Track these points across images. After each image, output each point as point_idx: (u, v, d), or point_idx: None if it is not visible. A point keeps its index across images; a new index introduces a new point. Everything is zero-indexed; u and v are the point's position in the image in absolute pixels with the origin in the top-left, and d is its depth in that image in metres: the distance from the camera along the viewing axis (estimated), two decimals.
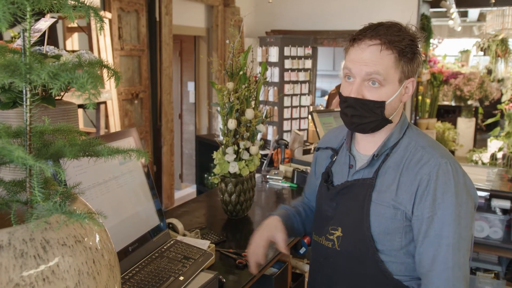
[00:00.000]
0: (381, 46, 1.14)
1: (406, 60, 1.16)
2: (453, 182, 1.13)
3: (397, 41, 1.14)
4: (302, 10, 6.60)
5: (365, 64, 1.15)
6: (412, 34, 1.18)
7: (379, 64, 1.14)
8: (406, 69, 1.17)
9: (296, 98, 4.08)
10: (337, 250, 1.27)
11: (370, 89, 1.17)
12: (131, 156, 0.78)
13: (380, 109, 1.18)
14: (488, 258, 3.01)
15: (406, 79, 1.19)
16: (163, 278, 1.29)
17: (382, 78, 1.15)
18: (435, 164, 1.15)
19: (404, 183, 1.18)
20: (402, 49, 1.14)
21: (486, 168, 3.77)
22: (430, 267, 1.14)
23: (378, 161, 1.24)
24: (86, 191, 1.24)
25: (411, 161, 1.19)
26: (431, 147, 1.20)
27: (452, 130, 7.92)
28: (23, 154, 0.62)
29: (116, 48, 4.12)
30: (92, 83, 0.62)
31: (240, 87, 1.97)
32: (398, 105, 1.21)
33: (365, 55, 1.15)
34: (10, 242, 0.65)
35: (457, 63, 9.33)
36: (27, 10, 0.68)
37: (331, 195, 1.32)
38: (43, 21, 1.39)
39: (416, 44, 1.18)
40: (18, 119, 1.18)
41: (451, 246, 1.12)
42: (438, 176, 1.14)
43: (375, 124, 1.20)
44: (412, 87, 1.21)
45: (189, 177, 6.18)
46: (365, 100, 1.17)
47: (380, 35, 1.14)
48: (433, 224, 1.14)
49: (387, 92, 1.17)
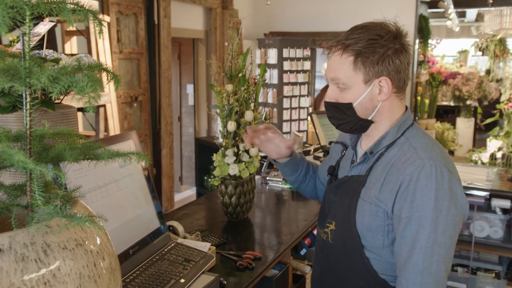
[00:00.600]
0: (341, 52, 1.19)
1: (365, 60, 1.16)
2: (434, 186, 1.10)
3: (353, 43, 1.16)
4: (300, 11, 6.61)
5: (329, 70, 1.23)
6: (378, 32, 1.16)
7: (338, 70, 1.20)
8: (368, 69, 1.17)
9: (295, 99, 4.08)
10: (329, 243, 1.32)
11: (338, 93, 1.23)
12: (131, 159, 0.78)
13: (350, 110, 1.22)
14: (488, 258, 3.01)
15: (375, 78, 1.18)
16: (164, 280, 1.29)
17: (342, 82, 1.20)
18: (419, 165, 1.13)
19: (388, 182, 1.18)
20: (358, 50, 1.16)
21: (486, 168, 3.77)
22: (402, 267, 1.14)
23: (373, 158, 1.25)
24: (86, 194, 1.24)
25: (400, 160, 1.18)
26: (423, 148, 1.18)
27: (451, 130, 7.92)
28: (23, 158, 0.62)
29: (115, 51, 4.13)
30: (92, 87, 0.62)
31: (239, 89, 1.98)
32: (372, 105, 1.21)
33: (330, 62, 1.23)
34: (11, 246, 0.65)
35: (455, 63, 9.35)
36: (26, 14, 0.68)
37: (332, 188, 1.36)
38: (42, 25, 1.39)
39: (380, 42, 1.15)
40: (17, 123, 1.18)
41: (423, 249, 1.10)
42: (419, 177, 1.12)
43: (352, 124, 1.24)
44: (387, 85, 1.18)
45: (188, 179, 6.18)
46: (334, 103, 1.24)
47: (340, 40, 1.19)
48: (409, 225, 1.12)
49: (353, 94, 1.20)
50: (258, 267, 1.63)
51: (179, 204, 5.12)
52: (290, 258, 1.97)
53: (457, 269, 3.03)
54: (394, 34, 1.18)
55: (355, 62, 1.17)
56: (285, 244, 1.84)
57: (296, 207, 2.39)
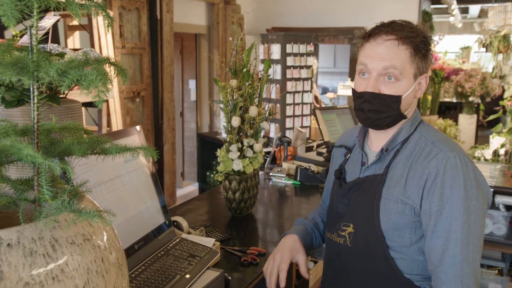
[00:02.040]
0: (397, 41, 1.16)
1: (421, 56, 1.19)
2: (462, 176, 1.12)
3: (412, 37, 1.17)
4: (303, 7, 6.59)
5: (381, 59, 1.17)
6: (424, 31, 1.21)
7: (395, 58, 1.16)
8: (420, 64, 1.20)
9: (299, 95, 4.07)
10: (348, 246, 1.28)
11: (386, 84, 1.18)
12: (139, 153, 0.78)
13: (397, 103, 1.19)
14: (491, 255, 3.01)
15: (420, 74, 1.21)
16: (169, 276, 1.28)
17: (399, 72, 1.16)
18: (443, 157, 1.14)
19: (412, 178, 1.17)
20: (417, 44, 1.17)
21: (489, 164, 3.76)
22: (438, 263, 1.13)
23: (389, 156, 1.24)
24: (92, 189, 1.24)
25: (420, 155, 1.18)
26: (440, 141, 1.19)
27: (454, 127, 7.90)
28: (32, 152, 0.61)
29: (117, 46, 4.12)
30: (101, 80, 0.61)
31: (243, 84, 1.97)
32: (412, 101, 1.23)
33: (382, 50, 1.17)
34: (19, 240, 0.64)
35: (458, 60, 9.31)
36: (34, 7, 0.67)
37: (343, 191, 1.33)
38: (47, 19, 1.39)
39: (429, 41, 1.21)
40: (23, 117, 1.17)
41: (459, 241, 1.10)
42: (446, 169, 1.13)
43: (391, 119, 1.21)
44: (426, 83, 1.23)
45: (191, 175, 6.18)
46: (381, 94, 1.18)
47: (396, 30, 1.17)
48: (441, 219, 1.12)
49: (403, 86, 1.18)
50: (262, 262, 1.63)
51: (181, 199, 5.12)
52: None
53: None
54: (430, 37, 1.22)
55: (413, 54, 1.18)
56: None
57: (299, 203, 2.39)
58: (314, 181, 2.64)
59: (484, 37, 7.92)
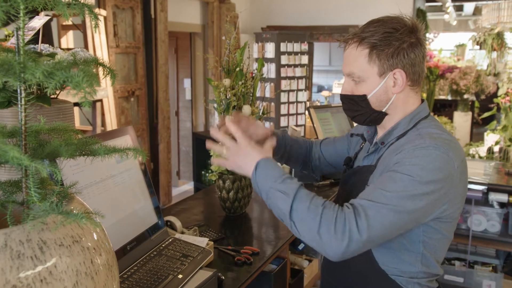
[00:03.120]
0: (356, 44, 1.20)
1: (380, 52, 1.17)
2: (426, 160, 1.08)
3: (369, 36, 1.18)
4: (298, 5, 6.58)
5: (345, 64, 1.24)
6: (394, 26, 1.17)
7: (353, 62, 1.21)
8: (384, 61, 1.18)
9: (293, 94, 4.07)
10: None
11: (353, 85, 1.24)
12: (128, 154, 0.77)
13: (364, 102, 1.23)
14: (486, 252, 3.02)
15: (390, 70, 1.19)
16: (161, 276, 1.28)
17: (357, 75, 1.21)
18: (419, 143, 1.12)
19: (387, 164, 1.17)
20: (374, 43, 1.17)
21: (483, 161, 3.77)
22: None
23: (384, 149, 1.26)
24: (83, 190, 1.23)
25: (405, 145, 1.18)
26: (428, 134, 1.16)
27: (449, 124, 7.92)
28: (18, 154, 0.61)
29: (112, 45, 4.10)
30: (87, 82, 0.61)
31: (236, 83, 1.96)
32: (386, 97, 1.22)
33: (346, 55, 1.25)
34: (6, 243, 0.64)
35: (453, 57, 9.33)
36: (20, 8, 0.67)
37: (345, 177, 1.39)
38: (37, 19, 1.38)
39: (396, 35, 1.16)
40: (13, 119, 1.17)
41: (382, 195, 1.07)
42: (415, 149, 1.11)
43: (366, 116, 1.26)
44: (402, 78, 1.19)
45: (186, 174, 6.17)
46: (349, 95, 1.26)
47: (356, 33, 1.21)
48: (382, 178, 1.11)
49: (368, 86, 1.21)
50: (256, 262, 1.63)
51: (177, 198, 5.12)
52: (288, 252, 1.97)
53: (455, 262, 3.04)
54: (410, 28, 1.19)
55: (370, 54, 1.18)
56: (283, 239, 1.84)
57: None
58: (308, 180, 2.64)
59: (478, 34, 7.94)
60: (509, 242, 2.83)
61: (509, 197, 2.75)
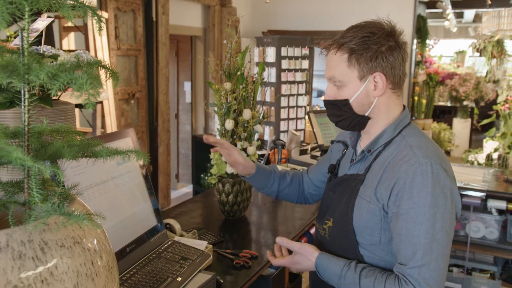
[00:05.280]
0: (336, 50, 1.22)
1: (359, 57, 1.19)
2: (430, 183, 1.12)
3: (348, 42, 1.19)
4: (299, 10, 6.60)
5: (327, 69, 1.26)
6: (372, 30, 1.19)
7: (333, 68, 1.23)
8: (363, 65, 1.19)
9: (293, 98, 4.08)
10: (327, 239, 1.35)
11: (336, 90, 1.26)
12: (130, 157, 0.78)
13: (347, 106, 1.24)
14: (484, 259, 3.02)
15: (370, 74, 1.20)
16: (160, 279, 1.28)
17: (338, 79, 1.23)
18: (414, 163, 1.14)
19: (384, 179, 1.19)
20: (352, 47, 1.19)
21: (482, 168, 3.78)
22: (402, 262, 1.14)
23: (371, 157, 1.27)
24: (84, 191, 1.23)
25: (396, 158, 1.19)
26: (418, 147, 1.19)
27: (448, 131, 7.94)
28: (21, 155, 0.61)
29: (113, 47, 4.11)
30: (91, 84, 0.61)
31: (237, 87, 1.97)
32: (368, 101, 1.23)
33: (327, 61, 1.27)
34: (8, 243, 0.64)
35: (452, 64, 9.36)
36: (25, 10, 0.67)
37: (331, 186, 1.39)
38: (40, 21, 1.38)
39: (373, 39, 1.18)
40: (15, 119, 1.17)
41: (422, 246, 1.11)
42: (415, 175, 1.13)
43: (349, 121, 1.27)
44: (382, 81, 1.20)
45: (185, 177, 6.17)
46: (331, 100, 1.27)
47: (335, 39, 1.23)
48: (406, 222, 1.13)
49: (349, 90, 1.23)
50: (255, 265, 1.63)
51: (176, 201, 5.12)
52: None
53: (453, 269, 3.04)
54: (388, 32, 1.20)
55: (349, 59, 1.20)
56: None
57: (292, 206, 2.39)
58: None
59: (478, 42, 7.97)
60: (507, 249, 2.83)
61: (508, 204, 2.75)
